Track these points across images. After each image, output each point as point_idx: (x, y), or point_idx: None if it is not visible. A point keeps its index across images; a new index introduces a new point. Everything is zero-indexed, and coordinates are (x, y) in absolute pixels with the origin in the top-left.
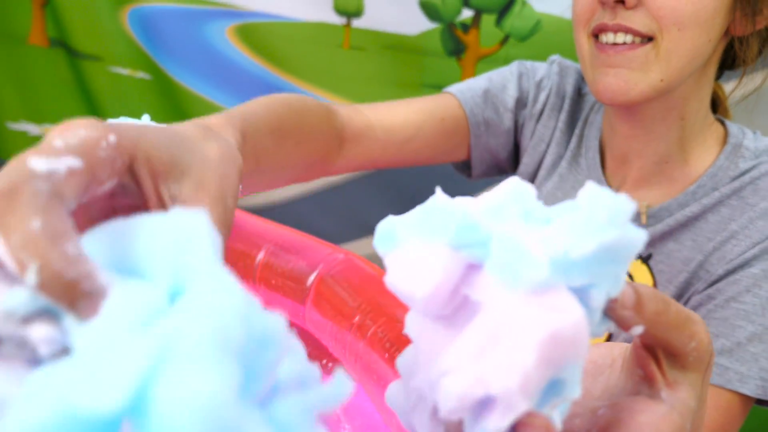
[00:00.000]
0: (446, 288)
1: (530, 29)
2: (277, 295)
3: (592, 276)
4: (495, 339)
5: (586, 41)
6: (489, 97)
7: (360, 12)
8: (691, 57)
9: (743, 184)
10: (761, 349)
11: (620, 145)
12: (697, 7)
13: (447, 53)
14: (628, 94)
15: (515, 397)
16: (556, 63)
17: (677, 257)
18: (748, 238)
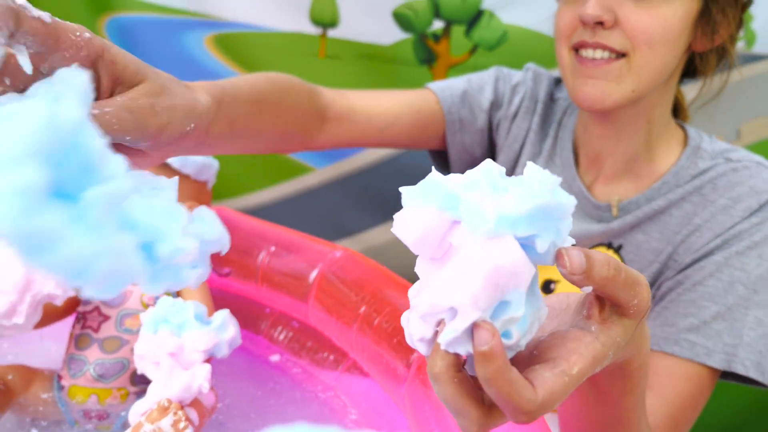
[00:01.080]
0: (433, 236)
1: (497, 39)
2: (280, 294)
3: (535, 229)
4: (460, 270)
5: (567, 53)
6: (467, 97)
7: (335, 23)
8: (659, 71)
9: (703, 183)
10: (724, 327)
11: (594, 145)
12: (665, 29)
13: (419, 62)
14: (604, 102)
15: (468, 308)
16: (531, 70)
17: (646, 248)
18: (711, 230)
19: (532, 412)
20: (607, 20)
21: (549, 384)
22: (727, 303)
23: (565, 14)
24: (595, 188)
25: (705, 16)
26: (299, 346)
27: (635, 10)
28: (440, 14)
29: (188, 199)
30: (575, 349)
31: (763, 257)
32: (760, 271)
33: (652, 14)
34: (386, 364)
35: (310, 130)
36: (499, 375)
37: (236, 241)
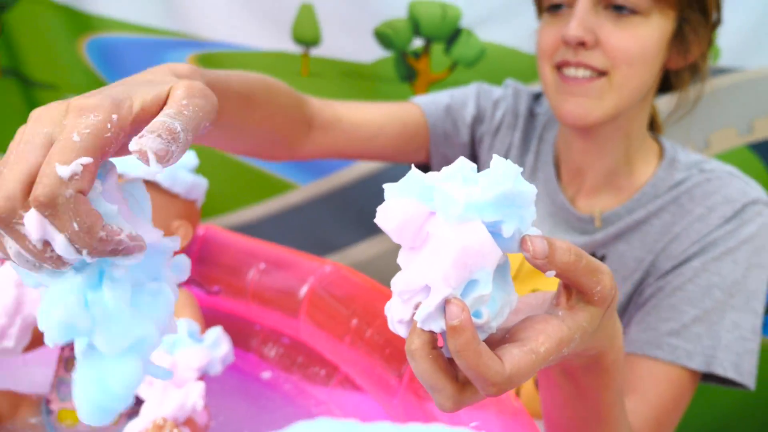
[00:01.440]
0: (412, 225)
1: (476, 56)
2: (271, 311)
3: (501, 215)
4: (433, 252)
5: (550, 71)
6: (450, 111)
7: (317, 41)
8: (638, 88)
9: (680, 193)
10: (703, 330)
11: (575, 159)
12: (643, 49)
13: (400, 79)
14: (586, 119)
15: (440, 285)
16: (510, 86)
17: (629, 257)
18: (688, 238)
19: (500, 383)
20: (588, 41)
21: (517, 359)
22: (705, 307)
23: (547, 34)
24: (578, 201)
25: (679, 36)
26: (290, 362)
27: (615, 31)
28: (420, 32)
29: (177, 218)
30: (543, 330)
31: (737, 262)
32: (735, 276)
33: (630, 35)
34: (378, 376)
35: (297, 135)
36: (468, 347)
37: (225, 259)
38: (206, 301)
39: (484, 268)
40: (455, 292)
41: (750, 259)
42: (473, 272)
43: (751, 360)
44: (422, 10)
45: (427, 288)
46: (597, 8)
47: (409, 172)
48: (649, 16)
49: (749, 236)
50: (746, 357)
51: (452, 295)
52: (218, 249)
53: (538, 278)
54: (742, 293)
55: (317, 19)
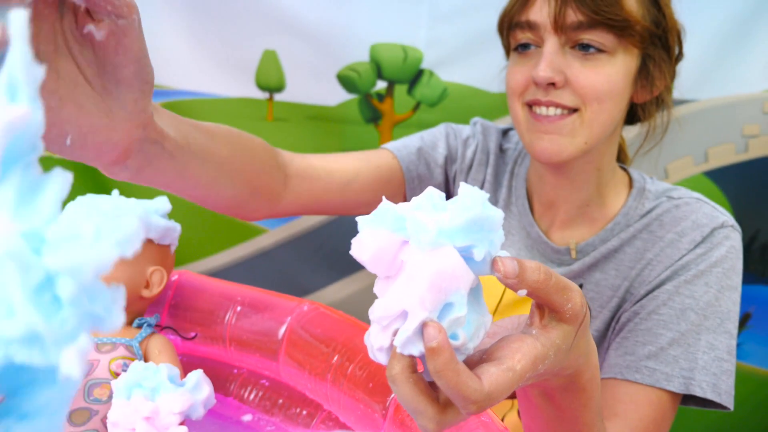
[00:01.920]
0: (386, 255)
1: (439, 96)
2: (249, 353)
3: (471, 239)
4: (408, 278)
5: (521, 109)
6: (422, 154)
7: (282, 87)
8: (608, 123)
9: (651, 221)
10: (680, 352)
11: (548, 193)
12: (611, 86)
13: (365, 121)
14: (560, 155)
15: (416, 309)
16: (479, 124)
17: (605, 285)
18: (661, 263)
19: (480, 401)
20: (558, 81)
21: (495, 377)
22: (681, 329)
23: (517, 73)
24: (552, 233)
25: (643, 72)
26: (271, 404)
27: (583, 70)
28: (382, 75)
29: (152, 263)
30: (518, 349)
31: (709, 285)
32: (708, 298)
33: (598, 73)
34: (362, 412)
35: (274, 185)
36: (447, 366)
37: (200, 303)
38: (182, 347)
39: (458, 290)
40: (432, 315)
41: (721, 281)
42: (448, 295)
43: (728, 380)
44: (384, 52)
45: (404, 313)
46: (564, 49)
47: (381, 204)
48: (615, 55)
49: (719, 259)
50: (723, 377)
51: (429, 318)
52: (193, 293)
53: (518, 309)
54: (716, 315)
55: (281, 65)
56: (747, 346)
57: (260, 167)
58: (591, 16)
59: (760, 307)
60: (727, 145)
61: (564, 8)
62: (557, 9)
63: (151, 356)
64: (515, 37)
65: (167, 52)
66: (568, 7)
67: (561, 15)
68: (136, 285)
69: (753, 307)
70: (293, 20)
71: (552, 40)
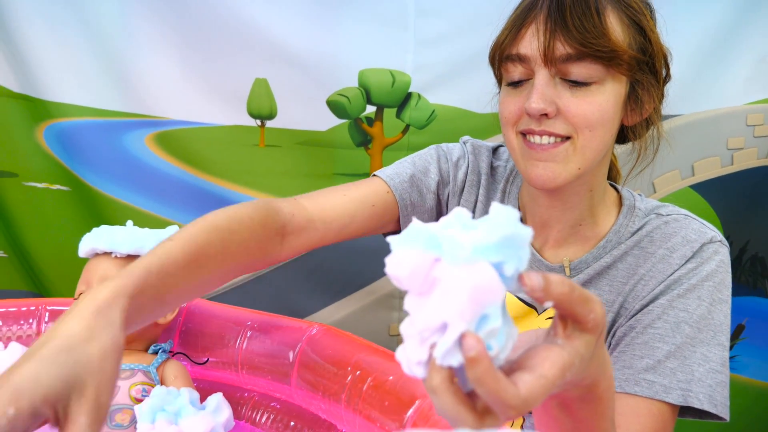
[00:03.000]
0: (420, 272)
1: (427, 118)
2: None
3: (502, 256)
4: (446, 293)
5: (515, 138)
6: (414, 181)
7: (273, 114)
8: (600, 149)
9: (641, 237)
10: (677, 364)
11: (541, 213)
12: (601, 114)
13: (356, 144)
14: (555, 181)
15: (456, 321)
16: (469, 143)
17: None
18: (653, 278)
19: (518, 406)
20: (550, 112)
21: (530, 384)
22: (676, 342)
23: (510, 104)
24: (545, 252)
25: (632, 96)
26: (283, 426)
27: (573, 100)
28: (371, 100)
29: None
30: (547, 357)
31: (701, 298)
32: (701, 311)
33: (588, 102)
34: (379, 430)
35: (269, 250)
36: (487, 374)
37: (211, 328)
38: (193, 372)
39: (494, 303)
40: (470, 327)
41: (713, 295)
42: (485, 308)
43: (722, 392)
44: (372, 77)
45: (443, 326)
46: (555, 80)
47: (411, 224)
48: (604, 84)
49: (709, 273)
50: (718, 389)
51: (467, 330)
52: (203, 319)
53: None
54: (709, 328)
55: (272, 93)
56: (742, 358)
57: (256, 249)
58: (579, 49)
59: (753, 319)
60: (713, 159)
61: (553, 41)
62: (546, 42)
63: (167, 381)
64: (507, 70)
65: (161, 84)
66: (557, 40)
67: (550, 48)
68: None
69: (746, 318)
70: (283, 49)
71: (542, 73)
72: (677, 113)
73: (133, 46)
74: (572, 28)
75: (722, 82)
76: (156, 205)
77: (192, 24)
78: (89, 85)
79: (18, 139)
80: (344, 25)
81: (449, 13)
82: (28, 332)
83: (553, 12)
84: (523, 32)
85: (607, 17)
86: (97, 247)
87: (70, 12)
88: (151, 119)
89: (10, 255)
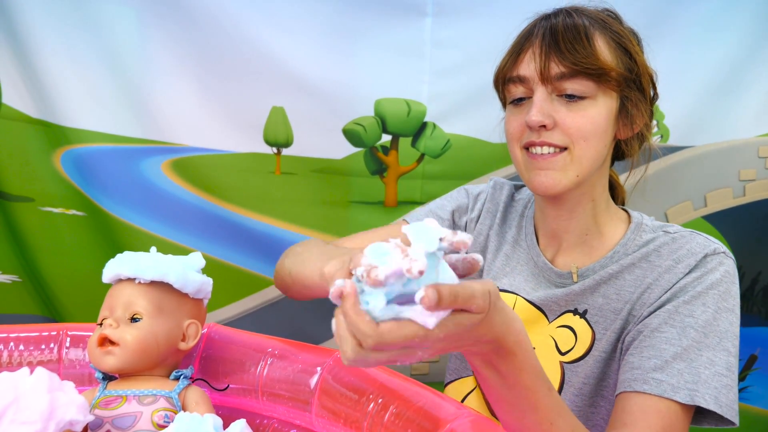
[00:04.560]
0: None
1: (442, 148)
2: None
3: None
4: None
5: (520, 152)
6: (431, 212)
7: (289, 142)
8: (595, 158)
9: (649, 251)
10: (684, 366)
11: (550, 226)
12: (594, 126)
13: (371, 173)
14: (555, 187)
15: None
16: (492, 180)
17: (608, 309)
18: (660, 287)
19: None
20: (548, 124)
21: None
22: (683, 345)
23: (514, 121)
24: (557, 261)
25: (623, 111)
26: None
27: (569, 114)
28: (387, 130)
29: (188, 317)
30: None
31: (707, 305)
32: (707, 317)
33: (582, 115)
34: None
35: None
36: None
37: (231, 354)
38: (213, 398)
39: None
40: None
41: (718, 302)
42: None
43: (728, 394)
44: (388, 107)
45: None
46: (552, 97)
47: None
48: (596, 99)
49: (714, 282)
50: (723, 391)
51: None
52: (223, 345)
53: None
54: (715, 333)
55: (288, 121)
56: (755, 388)
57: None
58: (571, 67)
59: (766, 349)
60: (725, 190)
61: (548, 62)
62: (542, 63)
63: (189, 407)
64: (509, 91)
65: (179, 110)
66: (551, 61)
67: (546, 68)
68: (173, 338)
69: (758, 349)
70: (300, 78)
71: (540, 90)
72: (690, 144)
73: (151, 72)
74: (564, 50)
75: (734, 114)
76: (172, 232)
77: (210, 52)
78: (107, 111)
79: (35, 164)
80: (361, 54)
81: (465, 43)
82: (49, 357)
83: (547, 37)
84: (522, 57)
85: (596, 41)
86: (121, 273)
87: (89, 38)
88: (168, 146)
89: (24, 279)
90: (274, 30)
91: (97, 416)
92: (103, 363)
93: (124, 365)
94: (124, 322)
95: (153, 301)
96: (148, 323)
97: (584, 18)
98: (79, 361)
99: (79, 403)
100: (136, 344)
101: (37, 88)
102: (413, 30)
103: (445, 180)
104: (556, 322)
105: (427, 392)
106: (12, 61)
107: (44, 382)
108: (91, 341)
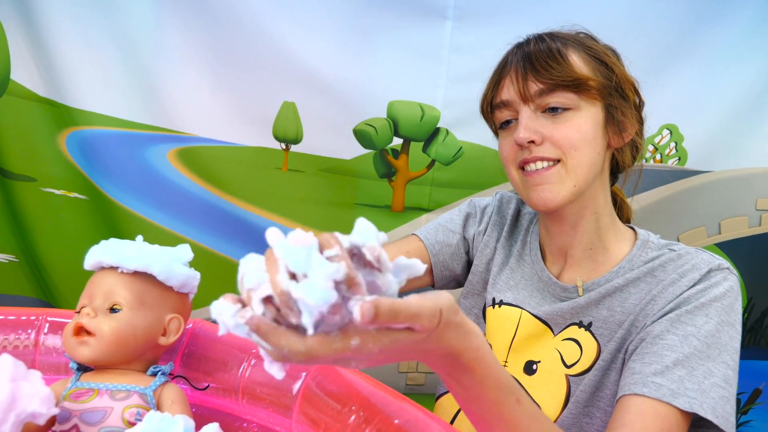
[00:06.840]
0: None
1: (454, 155)
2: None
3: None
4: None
5: (516, 173)
6: (440, 225)
7: (299, 139)
8: (589, 166)
9: (654, 267)
10: (684, 373)
11: (556, 242)
12: (582, 134)
13: (379, 176)
14: (554, 200)
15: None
16: (499, 194)
17: (612, 321)
18: (664, 299)
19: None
20: (536, 139)
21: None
22: (684, 352)
23: (505, 144)
24: (563, 276)
25: (610, 120)
26: None
27: (555, 126)
28: (398, 133)
29: (170, 311)
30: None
31: (709, 316)
32: (708, 328)
33: (567, 126)
34: None
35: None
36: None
37: (214, 353)
38: (192, 397)
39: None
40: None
41: (720, 315)
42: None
43: (725, 406)
44: (401, 109)
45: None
46: (536, 114)
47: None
48: (579, 109)
49: (718, 296)
50: (720, 402)
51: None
52: (207, 343)
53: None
54: (716, 345)
55: (299, 117)
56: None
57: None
58: (548, 83)
59: None
60: (741, 218)
61: (525, 83)
62: (520, 84)
63: (164, 406)
64: (497, 117)
65: (189, 99)
66: (529, 80)
67: (525, 88)
68: (153, 332)
69: (763, 383)
70: (313, 74)
71: (524, 109)
72: (707, 169)
73: (163, 59)
74: (540, 68)
75: (754, 141)
76: (173, 221)
77: (225, 42)
78: (116, 95)
79: (39, 143)
80: (377, 54)
81: (484, 50)
82: (25, 342)
83: (521, 61)
84: (502, 83)
85: (570, 56)
86: (103, 261)
87: (102, 19)
88: (175, 134)
89: (21, 260)
90: (291, 23)
91: (65, 409)
92: (77, 353)
93: (99, 357)
94: (103, 312)
95: (134, 292)
96: (128, 315)
97: (557, 41)
98: (56, 349)
99: (43, 395)
100: (112, 336)
101: (47, 67)
102: (433, 33)
103: (454, 188)
104: (561, 335)
105: (412, 409)
106: (24, 39)
107: (7, 371)
108: (66, 329)
